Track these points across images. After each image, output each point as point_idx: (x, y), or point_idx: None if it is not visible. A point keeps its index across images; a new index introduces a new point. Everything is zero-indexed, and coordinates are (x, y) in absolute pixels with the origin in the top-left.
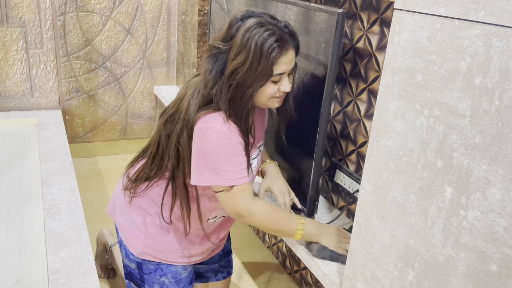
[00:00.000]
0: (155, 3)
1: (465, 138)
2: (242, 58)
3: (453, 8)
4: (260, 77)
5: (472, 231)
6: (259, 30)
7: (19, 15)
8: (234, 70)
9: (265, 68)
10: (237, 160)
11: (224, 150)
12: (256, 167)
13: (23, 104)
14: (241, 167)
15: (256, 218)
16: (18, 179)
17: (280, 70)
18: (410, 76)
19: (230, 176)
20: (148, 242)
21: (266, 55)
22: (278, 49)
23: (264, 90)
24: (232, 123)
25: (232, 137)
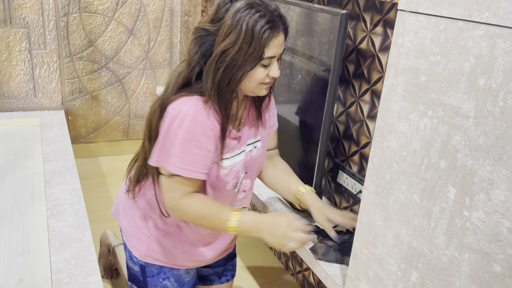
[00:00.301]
0: (158, 4)
1: (469, 139)
2: (233, 39)
3: (457, 9)
4: (251, 60)
5: (476, 232)
6: (250, 11)
7: (22, 16)
8: (223, 52)
9: (256, 50)
10: (192, 151)
11: (182, 136)
12: (243, 164)
13: (26, 104)
14: (194, 159)
15: (183, 215)
16: (21, 179)
17: (271, 53)
18: (413, 77)
19: (177, 163)
20: (151, 245)
21: (258, 37)
22: (269, 31)
23: (253, 74)
24: (211, 111)
25: (197, 126)
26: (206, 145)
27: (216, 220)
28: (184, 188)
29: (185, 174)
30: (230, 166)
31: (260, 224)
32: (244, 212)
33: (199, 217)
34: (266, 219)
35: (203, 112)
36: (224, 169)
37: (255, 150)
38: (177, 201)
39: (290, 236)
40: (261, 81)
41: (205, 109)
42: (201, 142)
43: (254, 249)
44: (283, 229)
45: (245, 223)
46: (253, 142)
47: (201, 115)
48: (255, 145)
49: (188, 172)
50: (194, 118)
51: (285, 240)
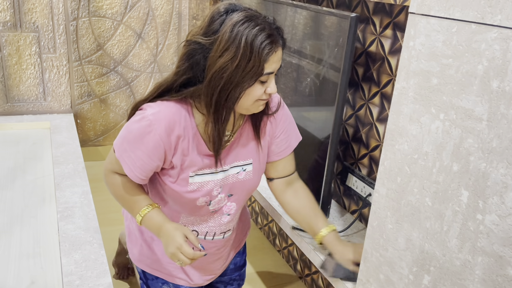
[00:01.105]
0: (166, 8)
1: (482, 142)
2: (230, 54)
3: (469, 12)
4: (249, 76)
5: (490, 236)
6: (249, 24)
7: (32, 20)
8: (221, 68)
9: (256, 66)
10: (137, 152)
11: (134, 134)
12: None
13: (36, 108)
14: (136, 160)
15: (108, 185)
16: (31, 182)
17: (270, 68)
18: (425, 79)
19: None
20: (143, 250)
21: (257, 52)
22: (270, 46)
23: (251, 92)
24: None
25: (149, 133)
26: (152, 154)
27: (131, 206)
28: (118, 169)
29: (123, 164)
30: (199, 184)
31: (160, 230)
32: (153, 211)
33: (118, 196)
34: (166, 229)
35: (166, 122)
36: (191, 185)
37: (243, 173)
38: (108, 172)
39: (177, 256)
40: (258, 98)
41: (174, 119)
42: (148, 149)
43: (262, 252)
44: (173, 248)
45: (148, 221)
46: (242, 165)
47: (160, 125)
48: (244, 168)
49: (124, 164)
50: (150, 124)
51: (173, 257)
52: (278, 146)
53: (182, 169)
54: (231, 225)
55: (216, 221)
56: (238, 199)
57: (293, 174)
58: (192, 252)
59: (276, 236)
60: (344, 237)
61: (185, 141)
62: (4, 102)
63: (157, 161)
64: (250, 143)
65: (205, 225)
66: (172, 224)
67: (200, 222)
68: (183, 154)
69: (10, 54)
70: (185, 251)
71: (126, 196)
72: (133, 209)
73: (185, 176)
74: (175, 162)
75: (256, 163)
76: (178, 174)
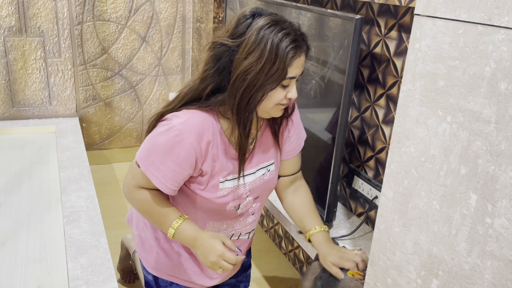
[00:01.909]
0: (170, 11)
1: (490, 145)
2: (256, 57)
3: (476, 14)
4: (273, 79)
5: (499, 239)
6: (275, 28)
7: (37, 25)
8: (246, 70)
9: (280, 69)
10: (168, 164)
11: (163, 146)
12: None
13: (41, 112)
14: (167, 172)
15: (133, 202)
16: (38, 186)
17: (293, 73)
18: (431, 82)
19: (152, 167)
20: (159, 258)
21: (282, 55)
22: (294, 50)
23: (272, 95)
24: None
25: (180, 142)
26: (183, 164)
27: (160, 221)
28: (144, 183)
29: (154, 180)
30: (229, 189)
31: (196, 242)
32: (185, 223)
33: (146, 211)
34: (203, 239)
35: (196, 130)
36: (222, 191)
37: (268, 173)
38: (132, 188)
39: (220, 264)
40: (279, 102)
41: (203, 127)
42: (179, 159)
43: (269, 255)
44: (215, 257)
45: (182, 233)
46: (267, 166)
47: (190, 133)
48: (269, 169)
49: (156, 180)
50: (179, 133)
51: (215, 266)
52: (290, 145)
53: (212, 176)
54: (254, 224)
55: (242, 223)
56: (262, 199)
57: (298, 173)
58: (234, 257)
59: (282, 239)
60: (350, 240)
61: (215, 147)
62: (10, 106)
63: (188, 169)
64: (270, 143)
65: (231, 229)
66: (206, 233)
67: (226, 227)
68: (213, 160)
69: (16, 59)
70: (228, 257)
71: (155, 210)
72: (163, 223)
73: (215, 182)
74: (205, 169)
75: (277, 163)
76: (208, 181)
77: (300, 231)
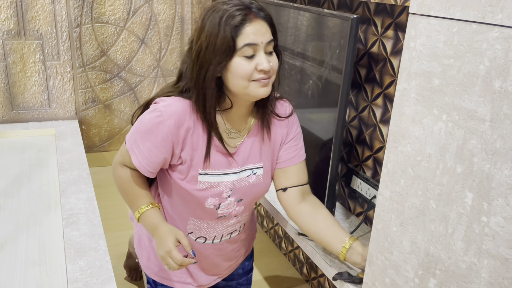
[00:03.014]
0: (169, 13)
1: (486, 143)
2: (203, 36)
3: (470, 12)
4: (222, 50)
5: (495, 238)
6: (218, 7)
7: (36, 28)
8: (197, 54)
9: (226, 39)
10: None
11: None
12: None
13: (41, 115)
14: (145, 151)
15: (114, 178)
16: (37, 189)
17: (247, 40)
18: (427, 80)
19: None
20: (151, 257)
21: (225, 24)
22: (240, 17)
23: (234, 69)
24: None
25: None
26: (160, 146)
27: (132, 201)
28: (127, 161)
29: (132, 155)
30: (208, 183)
31: (155, 231)
32: (152, 210)
33: (122, 189)
34: (161, 231)
35: (176, 115)
36: (201, 184)
37: (253, 176)
38: (116, 164)
39: (166, 260)
40: (249, 76)
41: (184, 113)
42: (157, 142)
43: (268, 256)
44: (163, 252)
45: (146, 219)
46: (253, 168)
47: (170, 117)
48: (255, 172)
49: (133, 155)
50: (160, 115)
51: (163, 260)
52: (288, 152)
53: (191, 166)
54: (237, 225)
55: (223, 225)
56: (246, 203)
57: (306, 185)
58: (180, 258)
59: (282, 239)
60: None
61: (195, 135)
62: (10, 109)
63: (164, 153)
64: (261, 146)
65: (213, 231)
66: (167, 227)
67: (207, 227)
68: (193, 148)
69: (15, 62)
70: (173, 256)
71: (130, 190)
72: (134, 204)
73: (195, 173)
74: (184, 157)
75: (267, 167)
76: (188, 170)
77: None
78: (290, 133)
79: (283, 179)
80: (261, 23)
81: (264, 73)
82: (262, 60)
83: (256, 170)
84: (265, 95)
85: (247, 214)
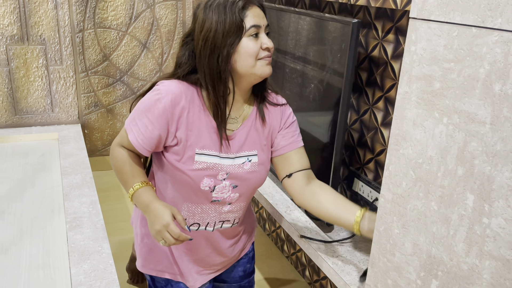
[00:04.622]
0: (170, 18)
1: (486, 145)
2: (208, 24)
3: (469, 16)
4: (232, 33)
5: (496, 239)
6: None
7: (39, 33)
8: (204, 39)
9: (235, 22)
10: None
11: (145, 103)
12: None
13: (44, 119)
14: (141, 127)
15: (111, 158)
16: (41, 193)
17: (252, 21)
18: (427, 84)
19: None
20: (144, 253)
21: (231, 11)
22: (242, 3)
23: (244, 49)
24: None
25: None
26: (155, 122)
27: (126, 180)
28: (125, 142)
29: (129, 133)
30: (204, 163)
31: (148, 207)
32: (146, 188)
33: (118, 169)
34: (155, 207)
35: (173, 93)
36: (197, 163)
37: (248, 163)
38: (114, 145)
39: (162, 234)
40: (256, 54)
41: (181, 93)
42: (153, 118)
43: (271, 259)
44: (159, 225)
45: (139, 196)
46: (248, 155)
47: (167, 95)
48: (249, 159)
49: (130, 133)
50: (158, 93)
51: (158, 235)
52: (285, 138)
53: (187, 146)
54: (230, 216)
55: (217, 211)
56: (242, 191)
57: (310, 170)
58: (178, 231)
59: (284, 242)
60: (352, 243)
61: (191, 115)
62: (13, 114)
63: (160, 129)
64: (256, 135)
65: (206, 216)
66: (160, 203)
67: (201, 212)
68: (188, 128)
69: (18, 67)
70: (171, 229)
71: (124, 170)
72: (128, 182)
73: (191, 154)
74: (179, 137)
75: (262, 156)
76: (184, 150)
77: (302, 235)
78: (285, 121)
79: (286, 165)
80: (257, 9)
81: (268, 50)
82: (265, 39)
83: (251, 158)
84: (269, 73)
85: (242, 206)
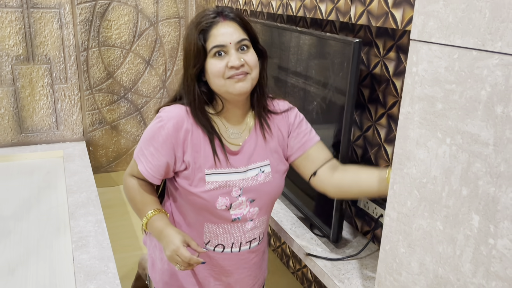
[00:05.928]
0: (173, 35)
1: (490, 167)
2: (183, 45)
3: (469, 39)
4: (195, 54)
5: (503, 260)
6: (196, 18)
7: (44, 53)
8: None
9: (196, 44)
10: (149, 148)
11: (149, 132)
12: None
13: (49, 137)
14: (148, 156)
15: (124, 189)
16: (46, 212)
17: (215, 42)
18: (430, 105)
19: (138, 151)
20: (165, 278)
21: (195, 31)
22: (207, 24)
23: (210, 69)
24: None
25: (161, 129)
26: (161, 149)
27: (139, 209)
28: (135, 172)
29: (138, 163)
30: (216, 183)
31: (161, 235)
32: (159, 215)
33: (130, 199)
34: (168, 233)
35: (175, 118)
36: (209, 184)
37: (262, 174)
38: (126, 175)
39: (174, 258)
40: (222, 74)
41: (182, 116)
42: (159, 145)
43: (277, 275)
44: (170, 250)
45: (152, 224)
46: (259, 166)
47: (169, 120)
48: (262, 169)
49: (139, 163)
50: (161, 120)
51: (171, 260)
52: (297, 139)
53: (197, 168)
54: (255, 232)
55: (239, 229)
56: (261, 204)
57: (332, 159)
58: (188, 255)
59: (289, 258)
60: (358, 260)
61: (195, 136)
62: (18, 133)
63: (166, 156)
64: (264, 144)
65: (230, 236)
66: (174, 229)
67: (223, 232)
68: (195, 150)
69: (24, 86)
70: (181, 253)
71: (138, 198)
72: (141, 212)
73: (202, 175)
74: (187, 160)
75: (274, 164)
76: (194, 173)
77: (309, 254)
78: (292, 123)
79: (309, 164)
80: (230, 24)
81: (235, 69)
82: (232, 58)
83: (264, 168)
84: (243, 90)
85: (264, 220)
